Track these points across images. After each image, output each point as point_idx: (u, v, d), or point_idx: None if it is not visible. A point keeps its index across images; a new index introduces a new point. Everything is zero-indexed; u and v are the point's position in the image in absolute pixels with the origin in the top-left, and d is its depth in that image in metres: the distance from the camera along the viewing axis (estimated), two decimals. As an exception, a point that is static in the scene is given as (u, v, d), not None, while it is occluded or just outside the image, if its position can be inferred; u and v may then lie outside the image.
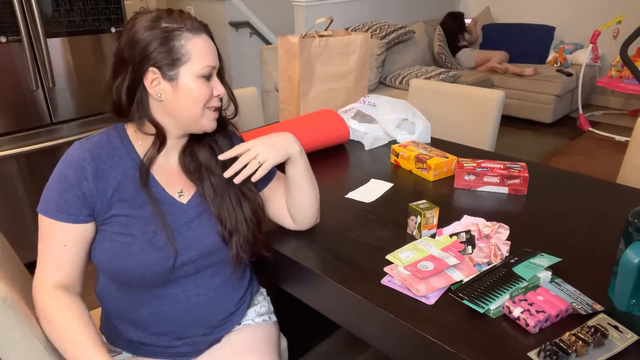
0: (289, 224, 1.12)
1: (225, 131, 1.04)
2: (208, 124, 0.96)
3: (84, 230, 0.91)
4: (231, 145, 1.04)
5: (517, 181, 1.30)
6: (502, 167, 1.35)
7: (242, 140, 1.09)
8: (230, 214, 0.98)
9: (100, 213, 0.91)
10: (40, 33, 1.99)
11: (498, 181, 1.32)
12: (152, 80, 0.89)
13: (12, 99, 2.01)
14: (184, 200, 0.98)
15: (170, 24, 0.88)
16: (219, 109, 0.98)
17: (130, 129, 0.96)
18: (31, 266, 1.13)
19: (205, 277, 1.00)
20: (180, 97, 0.91)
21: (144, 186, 0.93)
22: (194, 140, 1.00)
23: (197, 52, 0.89)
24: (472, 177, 1.33)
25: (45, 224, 0.91)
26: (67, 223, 0.89)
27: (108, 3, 2.20)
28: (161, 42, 0.87)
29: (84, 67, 2.20)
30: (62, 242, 0.90)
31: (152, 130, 0.94)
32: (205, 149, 1.00)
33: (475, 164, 1.37)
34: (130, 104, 0.92)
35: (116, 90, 0.91)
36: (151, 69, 0.88)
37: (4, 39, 1.93)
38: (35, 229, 2.15)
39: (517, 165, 1.36)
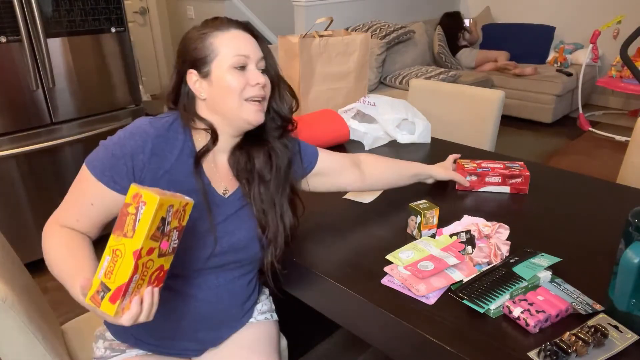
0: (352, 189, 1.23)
1: (283, 139, 1.04)
2: (250, 116, 0.95)
3: (117, 200, 0.91)
4: (290, 154, 1.04)
5: (519, 180, 1.31)
6: (502, 166, 1.35)
7: (298, 145, 1.09)
8: (272, 224, 1.00)
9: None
10: (40, 33, 1.99)
11: (500, 181, 1.32)
12: (195, 82, 0.94)
13: (12, 99, 2.01)
14: (226, 195, 1.00)
15: (205, 30, 0.94)
16: (264, 100, 0.98)
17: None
18: (31, 266, 1.13)
19: (228, 271, 1.01)
20: (216, 90, 0.93)
21: (196, 172, 0.95)
22: (253, 144, 1.01)
23: (225, 45, 0.92)
24: (474, 178, 1.33)
25: (86, 176, 0.91)
26: (105, 186, 0.90)
27: (108, 3, 2.20)
28: (195, 45, 0.93)
29: (84, 67, 2.20)
30: (91, 200, 0.91)
31: (203, 125, 0.97)
32: (263, 155, 1.01)
33: (475, 165, 1.37)
34: (176, 103, 0.98)
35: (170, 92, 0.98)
36: (190, 70, 0.93)
37: (4, 39, 1.93)
38: (35, 229, 2.17)
39: (516, 165, 1.36)
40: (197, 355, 1.05)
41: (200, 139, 0.98)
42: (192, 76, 0.94)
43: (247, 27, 0.97)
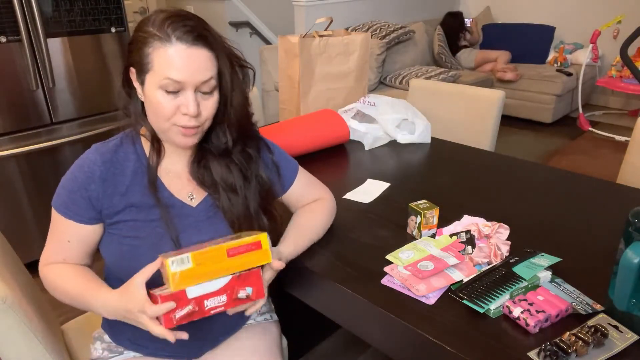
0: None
1: (247, 150, 0.98)
2: (178, 140, 0.89)
3: (87, 231, 0.92)
4: (258, 161, 0.99)
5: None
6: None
7: (269, 150, 1.04)
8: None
9: (107, 216, 0.92)
10: (40, 33, 1.99)
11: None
12: (135, 79, 0.89)
13: (12, 99, 2.01)
14: (194, 203, 0.97)
15: (151, 29, 0.84)
16: (200, 127, 0.89)
17: (143, 132, 0.95)
18: (31, 266, 1.13)
19: None
20: (147, 104, 0.89)
21: (152, 191, 0.92)
22: (210, 155, 0.96)
23: (159, 61, 0.83)
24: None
25: (55, 217, 0.93)
26: (72, 221, 0.91)
27: (108, 3, 2.20)
28: (138, 45, 0.85)
29: (84, 67, 2.20)
30: (66, 238, 0.93)
31: (149, 135, 0.93)
32: (220, 166, 0.96)
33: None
34: (127, 96, 0.93)
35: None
36: (131, 67, 0.89)
37: (4, 39, 1.93)
38: (35, 229, 2.16)
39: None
40: (195, 358, 1.04)
41: (149, 151, 0.94)
42: (132, 73, 0.89)
43: (197, 38, 0.83)
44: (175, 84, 0.83)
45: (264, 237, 0.84)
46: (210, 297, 0.80)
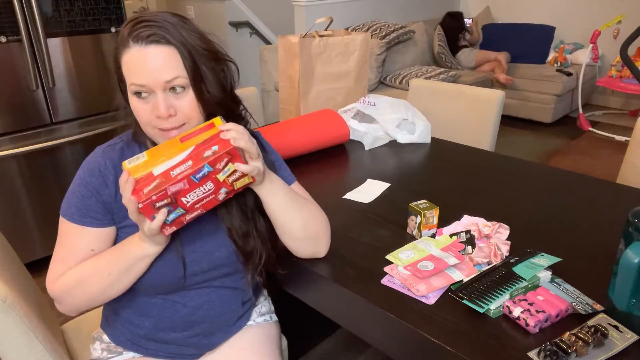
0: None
1: None
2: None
3: (110, 233, 0.91)
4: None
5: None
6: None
7: (263, 149, 1.00)
8: (248, 238, 0.94)
9: (117, 220, 0.91)
10: (40, 33, 1.99)
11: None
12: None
13: (12, 99, 2.01)
14: None
15: (119, 37, 0.83)
16: (183, 125, 0.85)
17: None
18: (31, 266, 1.13)
19: (216, 285, 0.99)
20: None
21: None
22: None
23: (126, 69, 0.82)
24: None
25: (69, 228, 0.90)
26: (93, 227, 0.89)
27: (108, 3, 2.20)
28: (114, 58, 0.85)
29: (84, 67, 2.20)
30: (89, 247, 0.89)
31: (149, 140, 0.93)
32: None
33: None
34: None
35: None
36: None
37: (4, 39, 1.93)
38: (35, 229, 2.17)
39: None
40: (195, 358, 1.04)
41: None
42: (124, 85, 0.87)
43: (152, 37, 0.80)
44: (140, 87, 0.81)
45: (217, 119, 0.85)
46: (176, 167, 0.80)
